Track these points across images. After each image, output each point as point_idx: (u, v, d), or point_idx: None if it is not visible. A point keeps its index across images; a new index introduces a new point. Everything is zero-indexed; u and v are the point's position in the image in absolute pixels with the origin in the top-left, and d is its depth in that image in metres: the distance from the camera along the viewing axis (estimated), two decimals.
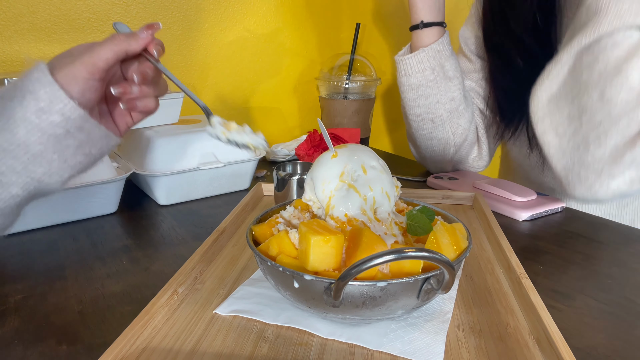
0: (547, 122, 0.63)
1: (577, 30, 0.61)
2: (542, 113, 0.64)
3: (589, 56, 0.58)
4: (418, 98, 0.86)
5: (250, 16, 1.08)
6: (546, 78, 0.63)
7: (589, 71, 0.58)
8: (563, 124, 0.62)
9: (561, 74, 0.61)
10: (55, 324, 0.45)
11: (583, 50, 0.59)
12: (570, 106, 0.61)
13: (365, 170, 0.46)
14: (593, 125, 0.58)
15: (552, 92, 0.62)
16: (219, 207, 0.76)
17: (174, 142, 0.76)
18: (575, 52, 0.59)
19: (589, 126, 0.59)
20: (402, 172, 0.96)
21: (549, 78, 0.63)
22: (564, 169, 0.63)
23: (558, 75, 0.62)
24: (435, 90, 0.85)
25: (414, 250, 0.35)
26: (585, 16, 0.60)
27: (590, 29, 0.58)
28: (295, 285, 0.39)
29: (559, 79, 0.62)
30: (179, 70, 1.01)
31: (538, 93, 0.64)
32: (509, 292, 0.49)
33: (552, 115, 0.63)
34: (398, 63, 0.87)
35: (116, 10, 0.91)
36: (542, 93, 0.63)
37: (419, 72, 0.85)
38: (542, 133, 0.64)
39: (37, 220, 0.66)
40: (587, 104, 0.58)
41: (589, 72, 0.58)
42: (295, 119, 1.24)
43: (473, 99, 0.93)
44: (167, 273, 0.52)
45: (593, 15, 0.58)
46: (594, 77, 0.58)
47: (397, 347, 0.40)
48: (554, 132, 0.63)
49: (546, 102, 0.63)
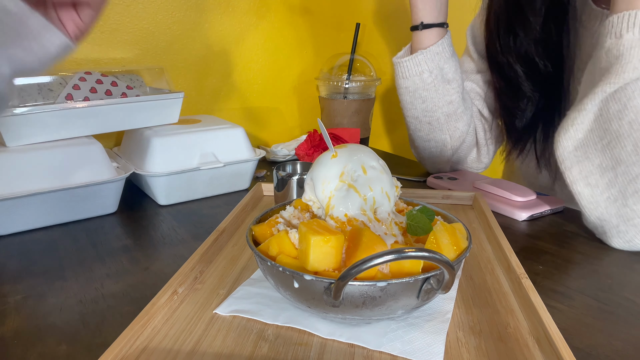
0: (575, 171, 0.61)
1: (598, 75, 0.59)
2: (569, 162, 0.61)
3: (617, 104, 0.56)
4: (415, 101, 0.86)
5: (250, 16, 1.08)
6: (570, 126, 0.61)
7: (618, 120, 0.56)
8: (594, 174, 0.60)
9: (586, 122, 0.59)
10: (55, 324, 0.45)
11: (609, 98, 0.57)
12: (601, 156, 0.59)
13: (365, 170, 0.46)
14: (630, 178, 0.57)
15: (578, 139, 0.60)
16: (219, 207, 0.76)
17: (174, 142, 0.76)
18: (600, 99, 0.57)
19: (625, 178, 0.57)
20: (402, 172, 0.96)
21: (573, 126, 0.60)
22: (598, 219, 0.61)
23: (583, 123, 0.59)
24: (432, 93, 0.85)
25: (413, 250, 0.35)
26: (605, 60, 0.58)
27: (613, 75, 0.56)
28: (295, 285, 0.39)
29: (584, 127, 0.60)
30: (178, 70, 1.01)
31: (563, 141, 0.61)
32: (509, 292, 0.49)
33: (580, 164, 0.61)
34: (396, 65, 0.86)
35: (116, 10, 0.91)
36: (568, 141, 0.61)
37: (416, 75, 0.84)
38: (572, 182, 0.62)
39: (37, 220, 0.66)
40: (621, 156, 0.57)
41: (618, 121, 0.56)
42: (295, 119, 1.24)
43: (473, 100, 0.92)
44: (167, 273, 0.52)
45: (615, 60, 0.56)
46: (624, 126, 0.56)
47: (397, 347, 0.40)
48: (585, 181, 0.61)
49: (572, 150, 0.61)
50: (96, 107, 0.72)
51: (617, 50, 0.56)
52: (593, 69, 0.61)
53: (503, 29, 0.79)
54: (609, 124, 0.57)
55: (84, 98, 0.72)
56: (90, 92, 0.73)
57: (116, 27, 0.92)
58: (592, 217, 0.61)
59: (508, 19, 0.78)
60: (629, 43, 0.55)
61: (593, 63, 0.61)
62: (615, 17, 0.57)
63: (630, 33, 0.55)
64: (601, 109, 0.58)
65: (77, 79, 0.72)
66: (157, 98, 0.78)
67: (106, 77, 0.75)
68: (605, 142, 0.58)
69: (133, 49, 0.95)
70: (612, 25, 0.57)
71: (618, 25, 0.57)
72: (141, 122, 0.78)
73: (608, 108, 0.57)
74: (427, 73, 0.83)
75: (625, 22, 0.56)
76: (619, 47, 0.56)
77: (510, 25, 0.78)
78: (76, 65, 0.88)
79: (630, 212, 0.58)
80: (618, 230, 0.59)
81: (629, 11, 0.56)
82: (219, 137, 0.80)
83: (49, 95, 0.70)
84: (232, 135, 0.81)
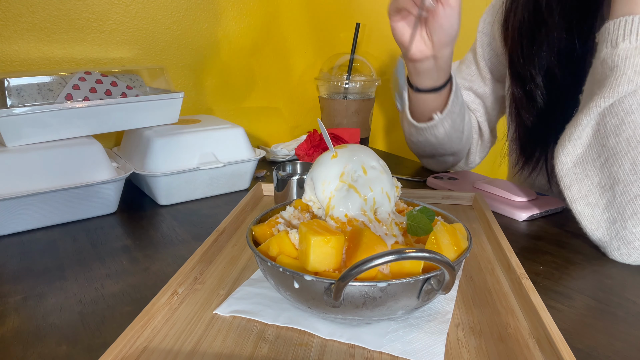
0: (575, 190, 0.58)
1: (595, 87, 0.56)
2: (568, 180, 0.59)
3: (614, 118, 0.53)
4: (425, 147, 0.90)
5: (250, 16, 1.08)
6: (568, 141, 0.58)
7: (615, 137, 0.54)
8: (594, 193, 0.57)
9: (584, 136, 0.57)
10: (55, 324, 0.45)
11: (606, 112, 0.54)
12: (599, 174, 0.56)
13: (366, 170, 0.46)
14: (629, 199, 0.54)
15: (577, 155, 0.58)
16: (218, 207, 0.76)
17: (174, 142, 0.76)
18: (596, 114, 0.55)
19: (623, 199, 0.54)
20: (402, 172, 0.96)
21: (570, 141, 0.58)
22: (600, 240, 0.58)
23: (580, 138, 0.57)
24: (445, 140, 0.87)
25: (414, 251, 0.35)
26: (601, 72, 0.55)
27: (608, 88, 0.53)
28: (295, 286, 0.39)
29: (582, 142, 0.57)
30: (178, 70, 1.01)
31: (561, 157, 0.59)
32: (509, 293, 0.49)
33: (580, 182, 0.58)
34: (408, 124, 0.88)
35: (116, 10, 0.91)
36: (566, 157, 0.58)
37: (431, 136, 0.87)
38: (572, 201, 0.59)
39: (37, 220, 0.66)
40: (619, 175, 0.54)
41: (615, 137, 0.54)
42: (295, 119, 1.24)
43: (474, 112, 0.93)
44: (167, 273, 0.52)
45: (609, 71, 0.53)
46: (622, 143, 0.53)
47: (397, 348, 0.40)
48: (585, 201, 0.58)
49: (571, 167, 0.58)
50: (96, 107, 0.72)
51: (611, 60, 0.53)
52: (592, 79, 0.58)
53: (527, 40, 0.75)
54: (607, 139, 0.55)
55: (84, 98, 0.72)
56: (90, 92, 0.73)
57: (116, 27, 0.92)
58: (594, 238, 0.59)
59: (531, 31, 0.74)
60: (624, 53, 0.52)
61: (591, 74, 0.58)
62: (612, 24, 0.54)
63: (626, 41, 0.52)
64: (598, 123, 0.55)
65: (76, 79, 0.72)
66: (157, 98, 0.78)
67: (106, 77, 0.75)
68: (603, 159, 0.56)
69: (133, 49, 0.95)
70: (609, 32, 0.54)
71: (614, 33, 0.53)
72: (141, 122, 0.78)
73: (605, 123, 0.54)
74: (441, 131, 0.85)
75: (622, 29, 0.53)
76: (613, 58, 0.53)
77: (533, 37, 0.74)
78: (76, 65, 0.88)
79: (629, 234, 0.55)
80: (619, 251, 0.57)
81: (625, 17, 0.53)
82: (219, 137, 0.80)
83: (48, 95, 0.70)
84: (232, 135, 0.81)
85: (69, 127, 0.70)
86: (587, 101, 0.57)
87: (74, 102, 0.70)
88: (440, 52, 0.77)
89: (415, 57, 0.78)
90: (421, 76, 0.81)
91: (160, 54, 0.98)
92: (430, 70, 0.80)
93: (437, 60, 0.78)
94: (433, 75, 0.80)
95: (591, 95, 0.56)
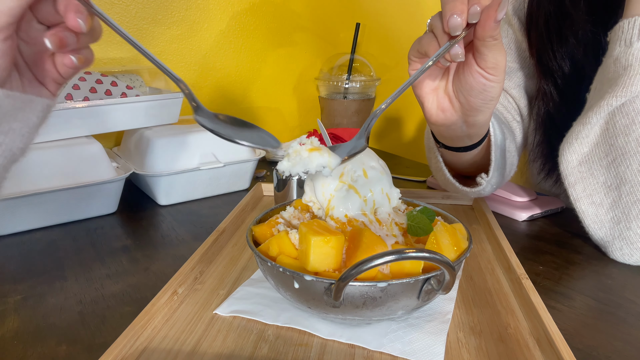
0: (579, 189, 0.58)
1: (606, 86, 0.54)
2: (573, 178, 0.58)
3: (624, 118, 0.53)
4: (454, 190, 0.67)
5: (250, 16, 1.08)
6: (575, 139, 0.57)
7: (625, 136, 0.53)
8: (599, 192, 0.57)
9: (592, 135, 0.56)
10: (55, 324, 0.45)
11: (616, 111, 0.53)
12: (606, 173, 0.56)
13: (365, 170, 0.46)
14: (635, 199, 0.54)
15: (583, 154, 0.57)
16: (218, 207, 0.76)
17: (174, 142, 0.76)
18: (606, 113, 0.54)
19: (630, 199, 0.54)
20: (402, 172, 0.96)
21: (577, 139, 0.57)
22: (601, 239, 0.58)
23: (588, 137, 0.56)
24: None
25: (414, 251, 0.35)
26: (613, 70, 0.54)
27: (620, 87, 0.52)
28: (295, 286, 0.39)
29: (589, 140, 0.56)
30: (178, 70, 1.01)
31: (567, 155, 0.58)
32: (509, 293, 0.49)
33: (585, 180, 0.57)
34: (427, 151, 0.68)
35: (116, 10, 0.91)
36: (572, 155, 0.57)
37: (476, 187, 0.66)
38: (576, 200, 0.58)
39: (37, 220, 0.66)
40: (626, 175, 0.54)
41: (625, 137, 0.53)
42: (295, 119, 1.23)
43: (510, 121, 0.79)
44: (167, 273, 0.52)
45: (623, 70, 0.52)
46: (631, 143, 0.53)
47: (397, 348, 0.40)
48: (589, 199, 0.57)
49: (577, 165, 0.58)
50: (96, 107, 0.72)
51: (625, 59, 0.52)
52: (602, 78, 0.57)
53: (555, 35, 0.69)
54: (615, 139, 0.54)
55: (84, 98, 0.72)
56: (90, 92, 0.73)
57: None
58: (596, 237, 0.58)
59: (558, 25, 0.69)
60: (639, 52, 0.51)
61: (602, 72, 0.57)
62: (626, 23, 0.53)
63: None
64: (607, 122, 0.55)
65: (76, 79, 0.72)
66: (157, 98, 0.78)
67: (106, 77, 0.75)
68: (610, 159, 0.55)
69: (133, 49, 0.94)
70: (622, 31, 0.53)
71: (629, 32, 0.52)
72: (141, 122, 0.78)
73: (615, 122, 0.54)
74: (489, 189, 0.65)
75: (637, 28, 0.52)
76: (627, 57, 0.52)
77: (560, 31, 0.69)
78: None
79: (633, 235, 0.55)
80: (622, 251, 0.57)
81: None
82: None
83: None
84: None
85: (69, 127, 0.70)
86: (597, 99, 0.55)
87: (73, 102, 0.70)
88: (472, 118, 0.54)
89: (434, 122, 0.56)
90: (447, 140, 0.61)
91: (160, 54, 0.98)
92: (459, 137, 0.58)
93: (469, 127, 0.56)
94: (464, 141, 0.59)
95: (601, 94, 0.55)
